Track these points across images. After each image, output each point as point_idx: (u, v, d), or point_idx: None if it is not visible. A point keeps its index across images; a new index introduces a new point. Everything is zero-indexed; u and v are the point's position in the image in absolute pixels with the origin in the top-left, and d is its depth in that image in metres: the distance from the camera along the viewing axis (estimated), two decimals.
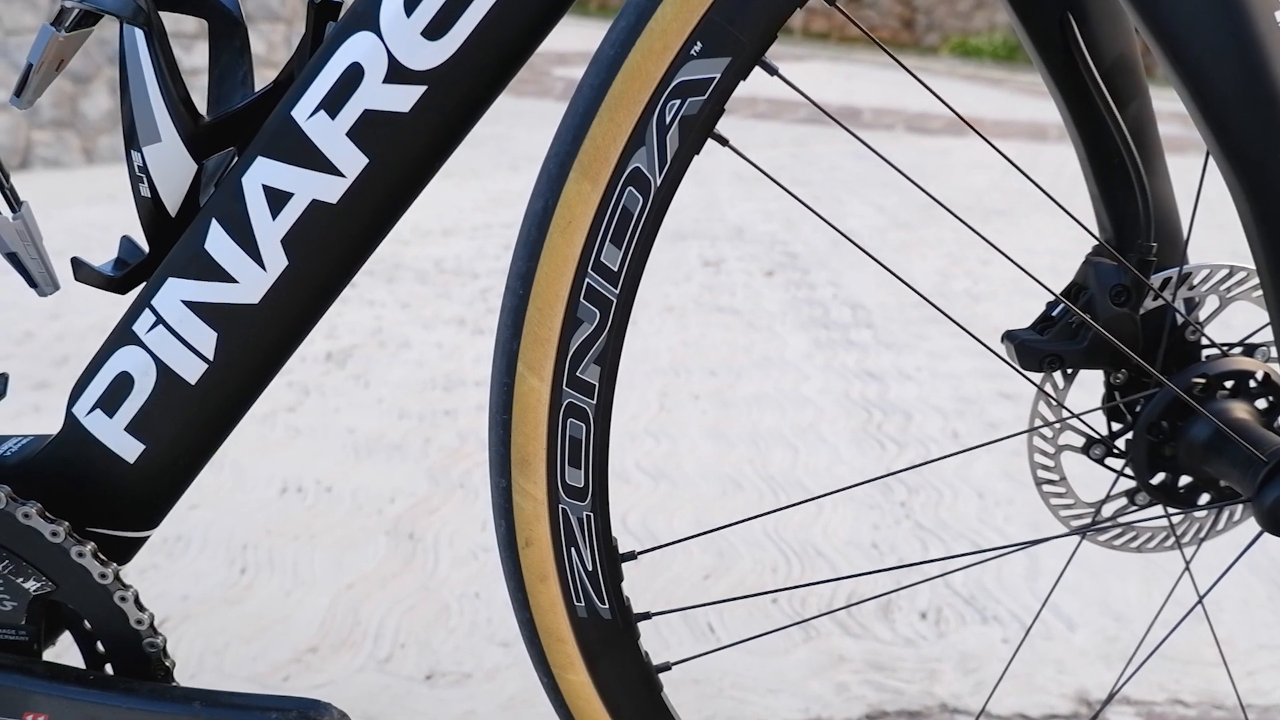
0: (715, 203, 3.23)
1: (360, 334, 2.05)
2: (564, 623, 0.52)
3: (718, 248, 2.68)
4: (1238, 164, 0.45)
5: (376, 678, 1.02)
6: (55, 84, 3.49)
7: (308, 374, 1.84)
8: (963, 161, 4.01)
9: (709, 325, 2.07)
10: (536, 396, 0.48)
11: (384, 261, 2.57)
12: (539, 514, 0.50)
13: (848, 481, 1.40)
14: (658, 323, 2.08)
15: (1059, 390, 0.58)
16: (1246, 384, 0.55)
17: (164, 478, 0.51)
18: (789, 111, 5.10)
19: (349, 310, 2.20)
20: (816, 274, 2.43)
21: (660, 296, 2.25)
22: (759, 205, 3.18)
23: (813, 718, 0.95)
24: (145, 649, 0.50)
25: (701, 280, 2.38)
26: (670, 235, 2.81)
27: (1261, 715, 0.93)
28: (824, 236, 2.77)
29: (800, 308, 2.18)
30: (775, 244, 2.71)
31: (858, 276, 2.40)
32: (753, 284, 2.36)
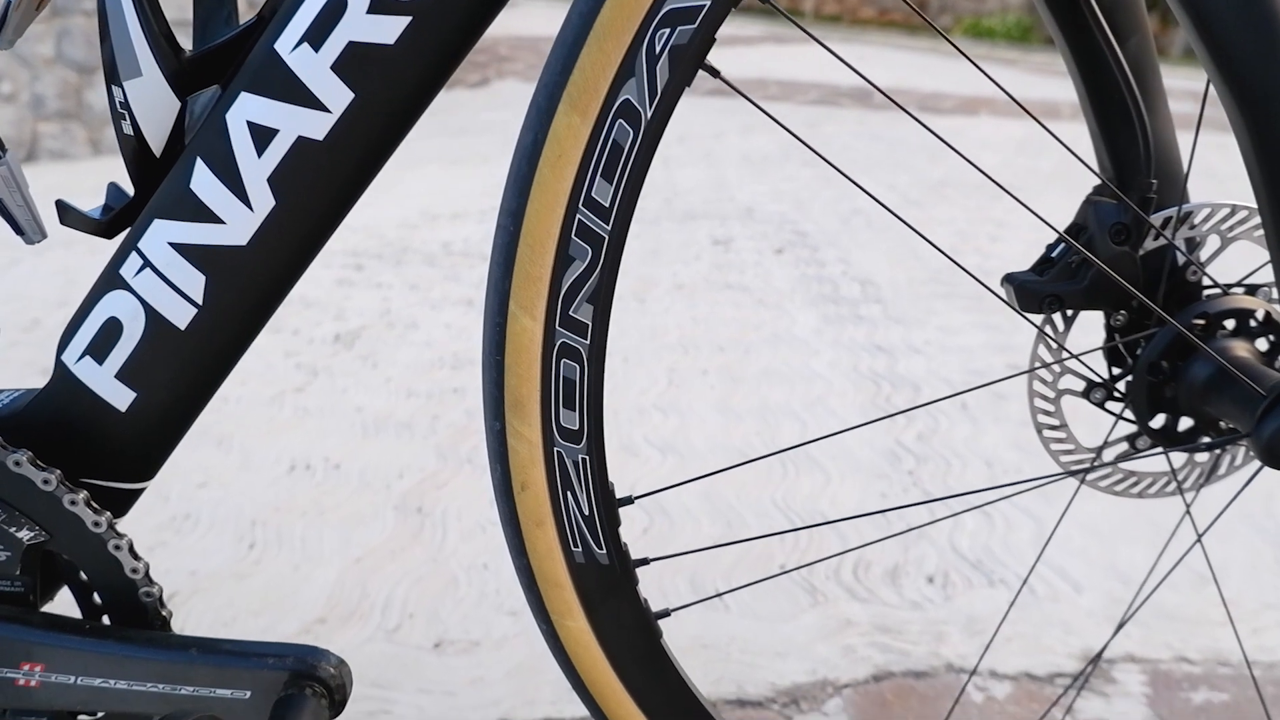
0: (725, 184, 3.21)
1: (368, 316, 2.05)
2: (561, 568, 0.52)
3: (727, 227, 2.67)
4: (1237, 92, 0.44)
5: (385, 647, 1.02)
6: (60, 76, 3.49)
7: (316, 355, 1.85)
8: (974, 140, 3.98)
9: (718, 303, 2.06)
10: (529, 337, 0.47)
11: (392, 245, 2.57)
12: (534, 457, 0.50)
13: (857, 453, 1.39)
14: (667, 301, 2.08)
15: (1059, 333, 0.57)
16: (1247, 323, 0.54)
17: (157, 427, 0.51)
18: (800, 94, 5.07)
19: (356, 293, 2.20)
20: (826, 252, 2.42)
21: (670, 275, 2.25)
22: (769, 186, 3.16)
23: (819, 679, 0.94)
24: (141, 598, 0.51)
25: (711, 259, 2.37)
26: (680, 215, 2.81)
27: (1266, 671, 0.92)
28: (834, 215, 2.75)
29: (810, 285, 2.17)
30: (785, 223, 2.69)
31: (867, 254, 2.39)
32: (762, 262, 2.34)
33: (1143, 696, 0.90)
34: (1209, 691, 0.91)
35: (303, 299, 2.17)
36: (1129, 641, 0.98)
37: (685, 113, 4.66)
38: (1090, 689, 0.92)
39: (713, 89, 5.36)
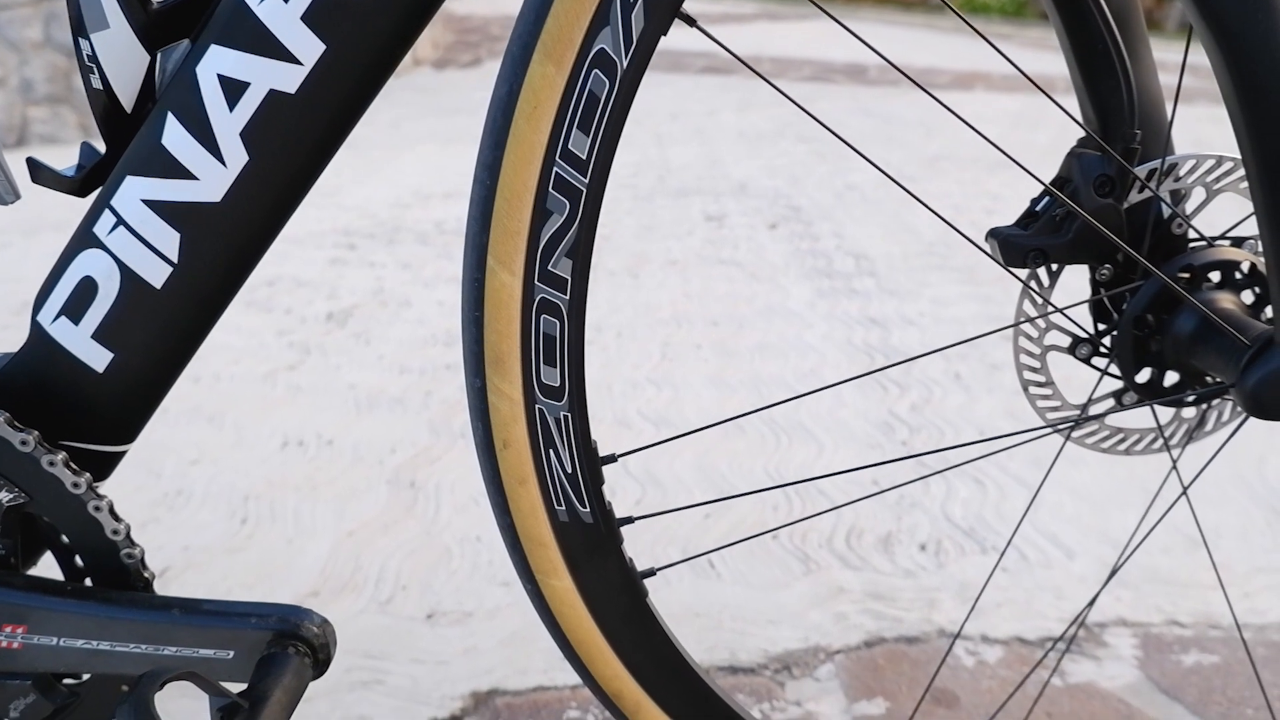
0: (719, 161, 3.20)
1: (361, 294, 2.04)
2: (545, 527, 0.52)
3: (721, 203, 2.65)
4: (1220, 39, 0.44)
5: (378, 618, 1.02)
6: (50, 60, 3.46)
7: (308, 334, 1.84)
8: (969, 114, 3.95)
9: (712, 278, 2.06)
10: (508, 292, 0.47)
11: (385, 225, 2.56)
12: (515, 415, 0.49)
13: (850, 423, 1.39)
14: (660, 276, 2.07)
15: (1044, 288, 0.57)
16: (1233, 275, 0.54)
17: (136, 389, 0.50)
18: (794, 70, 5.04)
19: (349, 272, 2.19)
20: (820, 226, 2.41)
21: (663, 251, 2.24)
22: (763, 162, 3.15)
23: (811, 646, 0.95)
24: (123, 560, 0.50)
25: (704, 234, 2.36)
26: (673, 192, 2.80)
27: (1257, 634, 0.93)
28: (828, 191, 2.74)
29: (804, 259, 2.16)
30: (779, 198, 2.68)
31: (862, 228, 2.38)
32: (756, 237, 2.34)
33: (1133, 659, 0.91)
34: (1199, 654, 0.91)
35: (295, 279, 2.17)
36: (1120, 605, 0.98)
37: (678, 90, 4.64)
38: (1081, 652, 0.92)
39: (706, 66, 5.33)
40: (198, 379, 1.65)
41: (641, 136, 3.69)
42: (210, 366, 1.70)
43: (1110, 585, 1.01)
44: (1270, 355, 0.48)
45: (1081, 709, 0.85)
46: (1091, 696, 0.86)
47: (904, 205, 2.59)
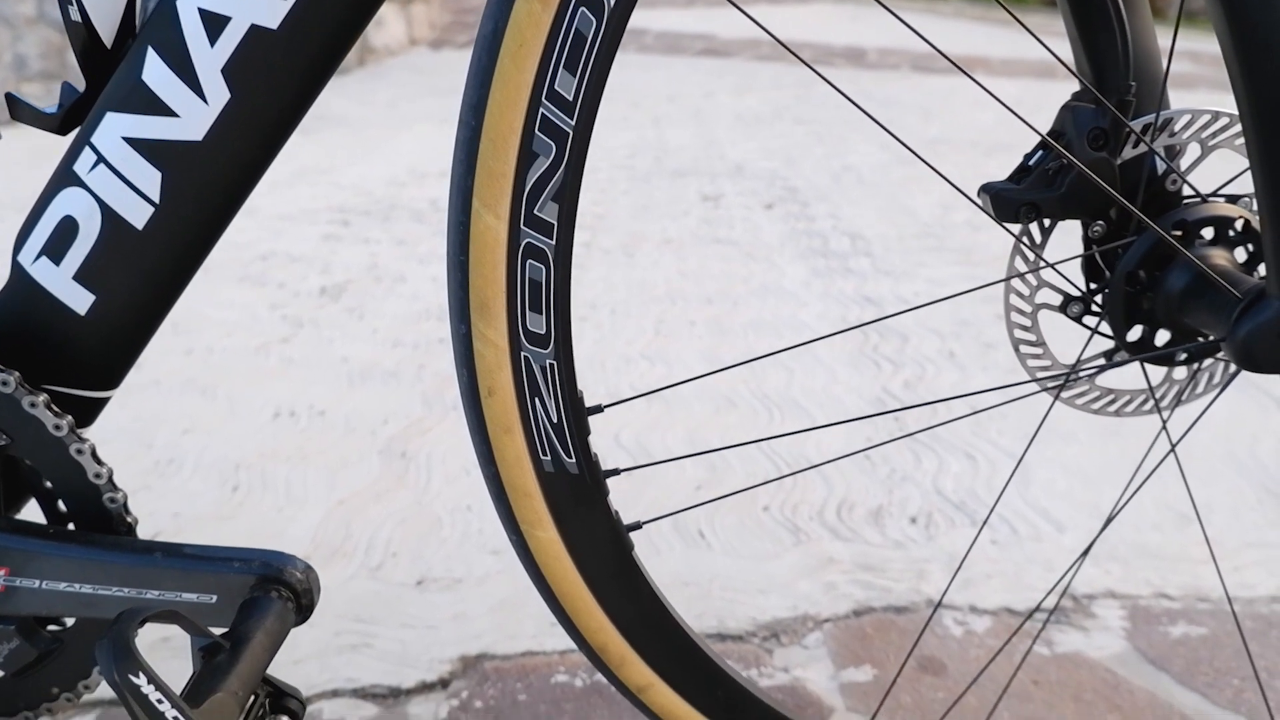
0: (715, 142, 3.18)
1: (355, 270, 2.04)
2: (530, 477, 0.52)
3: (717, 184, 2.65)
4: None
5: (368, 584, 1.02)
6: (43, 36, 3.44)
7: (302, 308, 1.83)
8: (968, 100, 3.94)
9: (707, 257, 2.05)
10: (493, 236, 0.46)
11: (380, 202, 2.55)
12: (500, 362, 0.49)
13: (844, 400, 1.39)
14: (655, 255, 2.07)
15: (1036, 244, 0.56)
16: (1226, 232, 0.54)
17: (119, 333, 0.50)
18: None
19: (343, 248, 2.18)
20: (816, 207, 2.40)
21: (658, 231, 2.23)
22: (760, 144, 3.13)
23: (800, 614, 0.95)
24: (106, 504, 0.50)
25: (700, 214, 2.36)
26: (669, 173, 2.78)
27: (1246, 606, 0.93)
28: (825, 172, 2.73)
29: (799, 239, 2.16)
30: (775, 179, 2.67)
31: (858, 209, 2.37)
32: (752, 217, 2.33)
33: (1121, 630, 0.91)
34: (1187, 625, 0.91)
35: (288, 254, 2.16)
36: (1109, 578, 0.98)
37: (676, 72, 4.62)
38: (1069, 623, 0.92)
39: (704, 49, 5.31)
40: (190, 351, 1.64)
41: (638, 118, 3.68)
42: (203, 339, 1.70)
43: (1100, 559, 1.01)
44: (1262, 307, 0.47)
45: (1069, 678, 0.85)
46: (1079, 666, 0.86)
47: (901, 187, 2.58)
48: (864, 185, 2.60)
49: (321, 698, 0.87)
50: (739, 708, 0.61)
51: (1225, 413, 1.31)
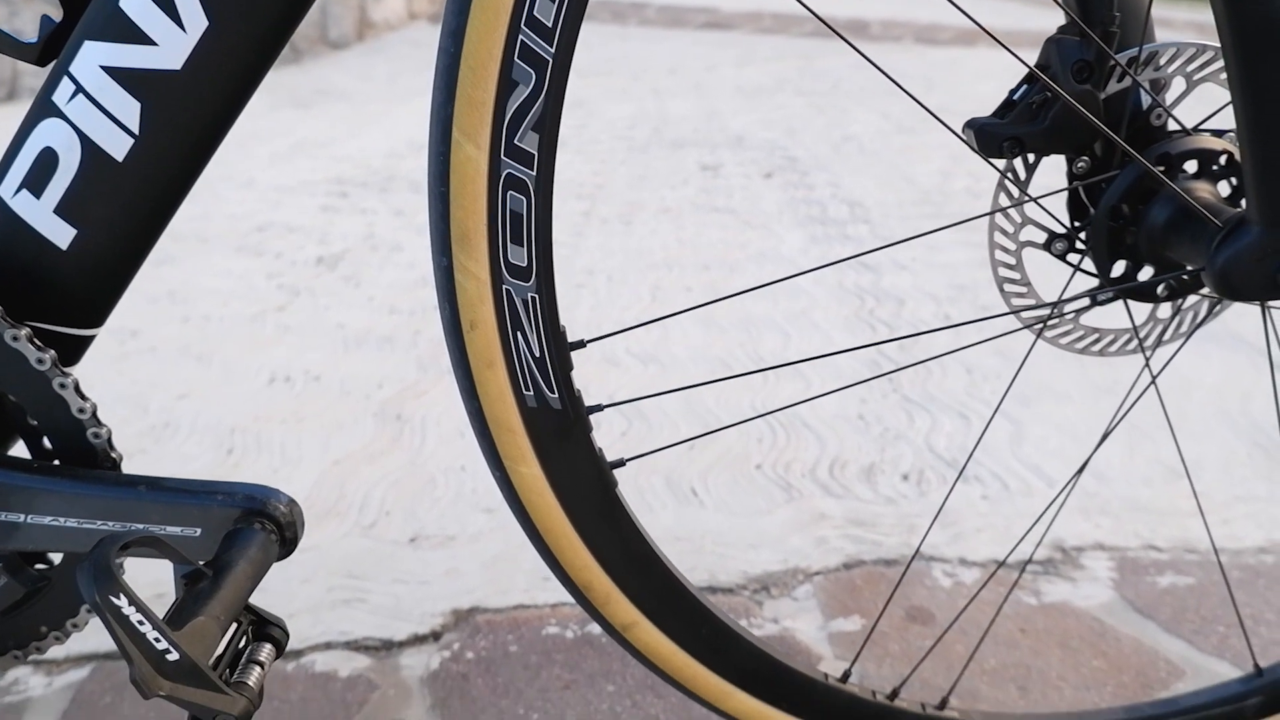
0: (716, 114, 3.17)
1: (352, 240, 2.03)
2: (513, 412, 0.52)
3: (717, 154, 2.63)
4: None
5: (361, 542, 1.03)
6: (40, 10, 3.42)
7: (298, 277, 1.83)
8: (971, 71, 3.91)
9: (705, 224, 2.05)
10: (474, 166, 0.46)
11: (378, 174, 2.54)
12: (482, 295, 0.49)
13: (838, 361, 1.39)
14: (653, 223, 2.06)
15: (1021, 181, 0.56)
16: (1210, 166, 0.53)
17: (101, 268, 0.50)
18: (795, 26, 4.98)
19: (340, 219, 2.18)
20: (816, 176, 2.39)
21: (656, 199, 2.22)
22: (761, 115, 3.12)
23: (791, 567, 0.95)
24: (90, 440, 0.50)
25: (699, 184, 2.35)
26: (669, 143, 2.77)
27: (1233, 558, 0.93)
28: (825, 142, 2.72)
29: (798, 207, 2.15)
30: (775, 149, 2.66)
31: (858, 179, 2.36)
32: (751, 186, 2.32)
33: (1109, 581, 0.91)
34: (1175, 576, 0.92)
35: (286, 225, 2.15)
36: (1099, 531, 0.99)
37: (678, 45, 4.59)
38: (1058, 574, 0.93)
39: (707, 22, 5.27)
40: (186, 319, 1.65)
41: (639, 90, 3.66)
42: (199, 308, 1.70)
43: (1090, 514, 1.02)
44: (1241, 234, 0.47)
45: (1055, 626, 0.85)
46: (1066, 615, 0.87)
47: (901, 155, 2.57)
48: (864, 154, 2.59)
49: (314, 650, 0.87)
50: (725, 647, 0.61)
51: (1219, 371, 1.31)
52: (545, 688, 0.82)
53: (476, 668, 0.84)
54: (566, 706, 0.80)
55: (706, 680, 0.61)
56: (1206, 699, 0.68)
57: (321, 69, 4.31)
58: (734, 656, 0.61)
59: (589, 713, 0.79)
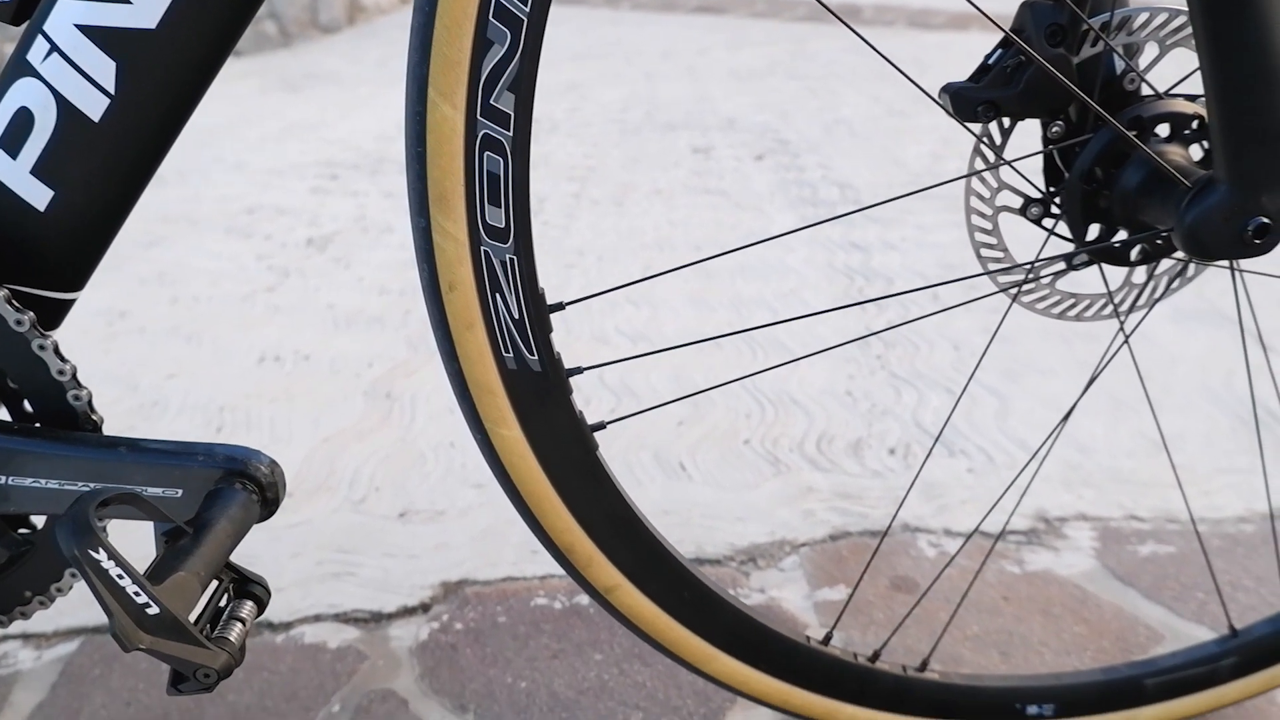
0: (708, 97, 3.16)
1: (342, 221, 2.03)
2: (493, 374, 0.52)
3: (709, 136, 2.63)
4: None
5: (351, 517, 1.03)
6: None
7: (288, 258, 1.83)
8: (963, 54, 3.90)
9: (696, 206, 2.05)
10: (450, 126, 0.46)
11: (369, 156, 2.54)
12: (461, 256, 0.49)
13: (828, 340, 1.40)
14: (644, 205, 2.06)
15: (997, 145, 0.56)
16: (1182, 129, 0.54)
17: (80, 230, 0.50)
18: (787, 10, 4.96)
19: (331, 200, 2.18)
20: (807, 158, 2.39)
21: (648, 181, 2.22)
22: (753, 99, 3.11)
23: (778, 539, 0.96)
24: (70, 401, 0.51)
25: (691, 166, 2.35)
26: (661, 126, 2.77)
27: (1213, 527, 0.94)
28: (817, 125, 2.72)
29: (789, 188, 2.15)
30: (767, 132, 2.66)
31: (849, 161, 2.36)
32: (742, 168, 2.32)
33: (1091, 550, 0.92)
34: (1156, 545, 0.93)
35: (276, 207, 2.15)
36: (1081, 502, 0.99)
37: (670, 29, 4.57)
38: (1041, 544, 0.93)
39: (698, 6, 5.25)
40: (176, 300, 1.65)
41: (631, 74, 3.65)
42: (189, 289, 1.70)
43: (1074, 485, 1.02)
44: (1209, 193, 0.48)
45: (1038, 594, 0.86)
46: (1049, 583, 0.88)
47: (892, 138, 2.56)
48: (855, 137, 2.59)
49: (304, 622, 0.88)
50: (707, 610, 0.62)
51: (1203, 346, 1.32)
52: (533, 657, 0.82)
53: (465, 638, 0.85)
54: (554, 675, 0.80)
55: (689, 643, 0.62)
56: (1183, 660, 0.68)
57: (312, 53, 4.29)
58: (717, 619, 0.62)
59: (576, 681, 0.80)
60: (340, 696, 0.79)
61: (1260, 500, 0.98)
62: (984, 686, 0.68)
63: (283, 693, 0.79)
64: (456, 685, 0.80)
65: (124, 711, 0.78)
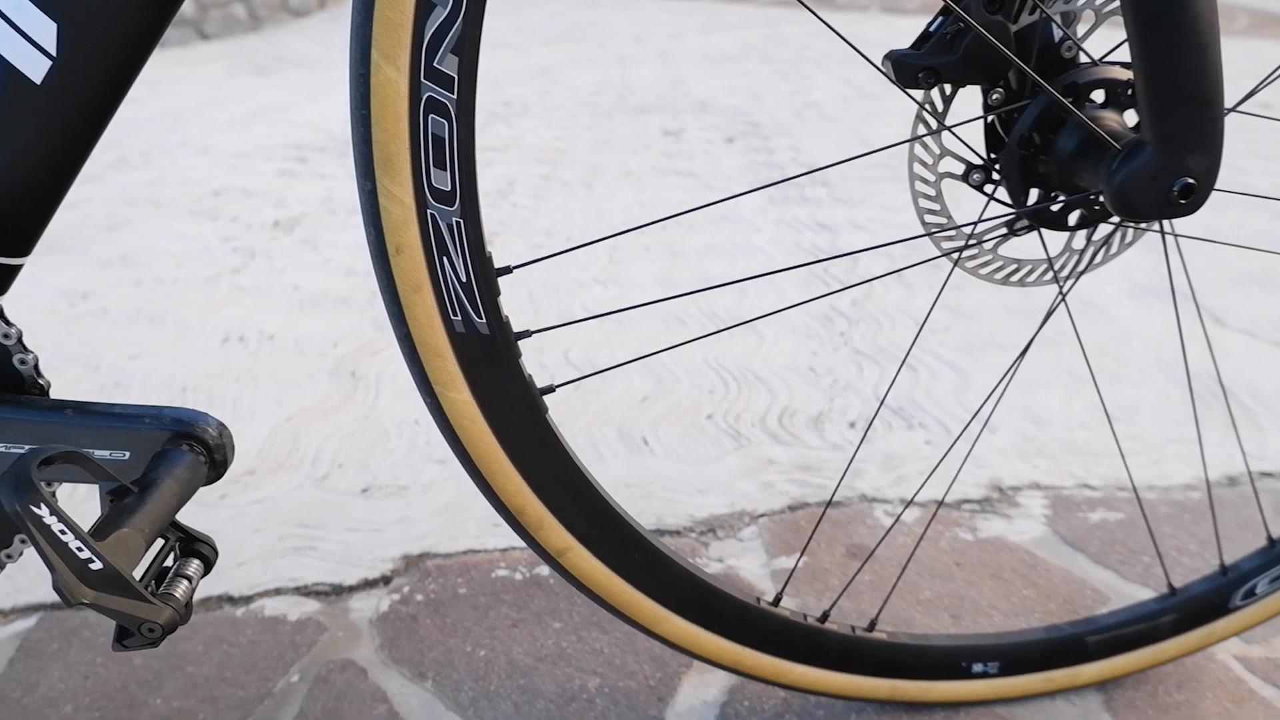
0: (680, 81, 3.16)
1: (310, 204, 2.02)
2: (441, 337, 0.53)
3: (680, 119, 2.63)
4: None
5: (314, 493, 1.04)
6: None
7: (254, 240, 1.82)
8: None
9: (666, 187, 2.05)
10: (394, 88, 0.47)
11: (337, 139, 2.52)
12: (407, 219, 0.50)
13: (791, 316, 1.41)
14: (614, 186, 2.06)
15: (939, 112, 0.57)
16: (1117, 95, 0.55)
17: (25, 194, 0.50)
18: None
19: (299, 183, 2.16)
20: (777, 140, 2.40)
21: (618, 163, 2.23)
22: (725, 82, 3.11)
23: (737, 510, 0.97)
24: (16, 366, 0.51)
25: (661, 148, 2.35)
26: (632, 109, 2.77)
27: (1162, 494, 0.96)
28: (788, 108, 2.73)
29: (758, 170, 2.16)
30: (738, 115, 2.67)
31: (818, 143, 2.37)
32: (713, 150, 2.33)
33: (1043, 517, 0.94)
34: (1106, 512, 0.95)
35: (243, 189, 2.13)
36: (1035, 472, 1.01)
37: (643, 13, 4.56)
38: (994, 511, 0.95)
39: None
40: (139, 282, 1.63)
41: (604, 58, 3.64)
42: (152, 271, 1.69)
43: (1029, 456, 1.04)
44: (1136, 154, 0.49)
45: (989, 559, 0.88)
46: (1000, 549, 0.90)
47: (863, 121, 2.58)
48: (826, 120, 2.60)
49: (264, 596, 0.88)
50: (658, 572, 0.63)
51: (1158, 322, 1.34)
52: (493, 626, 0.83)
53: (425, 609, 0.86)
54: (513, 643, 0.81)
55: (641, 605, 0.63)
56: (1124, 617, 0.70)
57: (282, 36, 4.24)
58: (667, 581, 0.63)
59: (535, 649, 0.81)
60: (300, 667, 0.79)
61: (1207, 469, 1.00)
62: (931, 645, 0.69)
63: (242, 664, 0.80)
64: (416, 654, 0.80)
65: (82, 684, 0.78)
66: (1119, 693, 0.73)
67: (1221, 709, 0.71)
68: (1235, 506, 0.94)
